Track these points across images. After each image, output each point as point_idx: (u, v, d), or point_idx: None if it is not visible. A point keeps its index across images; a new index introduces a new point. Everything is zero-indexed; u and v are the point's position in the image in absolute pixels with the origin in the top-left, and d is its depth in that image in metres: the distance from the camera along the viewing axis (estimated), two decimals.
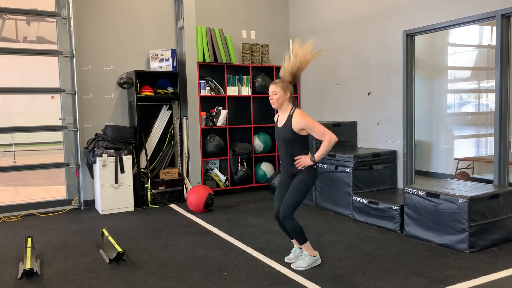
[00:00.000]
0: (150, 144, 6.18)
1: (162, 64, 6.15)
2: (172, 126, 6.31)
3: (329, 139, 3.36)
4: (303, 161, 3.42)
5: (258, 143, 6.87)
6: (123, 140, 5.75)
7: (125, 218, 5.31)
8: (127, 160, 5.67)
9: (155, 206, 5.90)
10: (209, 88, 6.55)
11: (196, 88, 6.34)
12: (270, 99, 3.50)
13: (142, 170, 5.95)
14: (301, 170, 3.46)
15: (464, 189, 4.15)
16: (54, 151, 6.45)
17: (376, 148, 5.74)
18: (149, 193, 5.91)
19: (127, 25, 6.15)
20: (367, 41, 5.83)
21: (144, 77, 6.03)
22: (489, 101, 6.61)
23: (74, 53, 5.71)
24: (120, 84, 6.11)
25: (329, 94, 6.56)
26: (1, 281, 3.43)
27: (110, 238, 4.14)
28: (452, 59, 7.16)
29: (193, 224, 4.98)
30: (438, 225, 4.05)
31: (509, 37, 4.35)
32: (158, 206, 5.91)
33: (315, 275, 3.39)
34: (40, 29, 6.05)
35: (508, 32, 4.35)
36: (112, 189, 5.59)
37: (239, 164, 6.65)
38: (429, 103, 7.12)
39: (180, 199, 6.14)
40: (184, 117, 6.28)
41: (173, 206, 5.92)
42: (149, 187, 5.91)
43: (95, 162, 5.58)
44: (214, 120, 6.51)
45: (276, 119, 3.63)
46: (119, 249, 3.81)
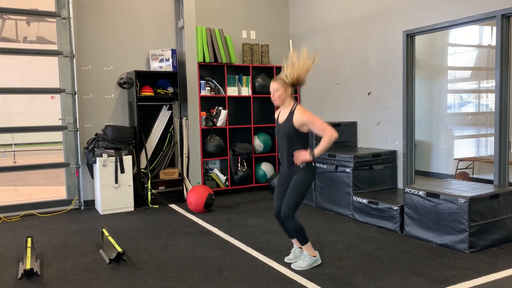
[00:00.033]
0: (150, 144, 6.18)
1: (162, 64, 6.15)
2: (172, 126, 6.31)
3: (330, 135, 3.31)
4: (302, 156, 3.38)
5: (258, 143, 6.87)
6: (123, 140, 5.75)
7: (125, 218, 5.32)
8: (127, 160, 5.67)
9: (155, 206, 5.90)
10: (209, 88, 6.55)
11: (196, 88, 6.34)
12: (272, 97, 3.48)
13: (142, 170, 5.95)
14: (300, 168, 3.44)
15: (464, 189, 4.15)
16: (54, 151, 6.44)
17: (376, 148, 5.74)
18: (149, 193, 5.91)
19: (127, 25, 6.15)
20: (367, 41, 5.83)
21: (144, 77, 6.03)
22: (489, 101, 6.61)
23: (74, 53, 5.71)
24: (120, 84, 6.11)
25: (329, 94, 6.56)
26: (1, 281, 3.43)
27: (110, 238, 4.14)
28: (452, 59, 7.16)
29: (193, 224, 4.98)
30: (438, 225, 4.04)
31: (509, 37, 4.35)
32: (158, 206, 5.91)
33: (315, 275, 3.39)
34: (40, 29, 6.05)
35: (508, 32, 4.35)
36: (112, 189, 5.59)
37: (239, 164, 6.65)
38: (429, 103, 7.12)
39: (180, 199, 6.14)
40: (184, 117, 6.28)
41: (173, 206, 5.91)
42: (149, 187, 5.91)
43: (95, 162, 5.58)
44: (214, 120, 6.51)
45: (277, 115, 3.61)
46: (119, 249, 3.81)
